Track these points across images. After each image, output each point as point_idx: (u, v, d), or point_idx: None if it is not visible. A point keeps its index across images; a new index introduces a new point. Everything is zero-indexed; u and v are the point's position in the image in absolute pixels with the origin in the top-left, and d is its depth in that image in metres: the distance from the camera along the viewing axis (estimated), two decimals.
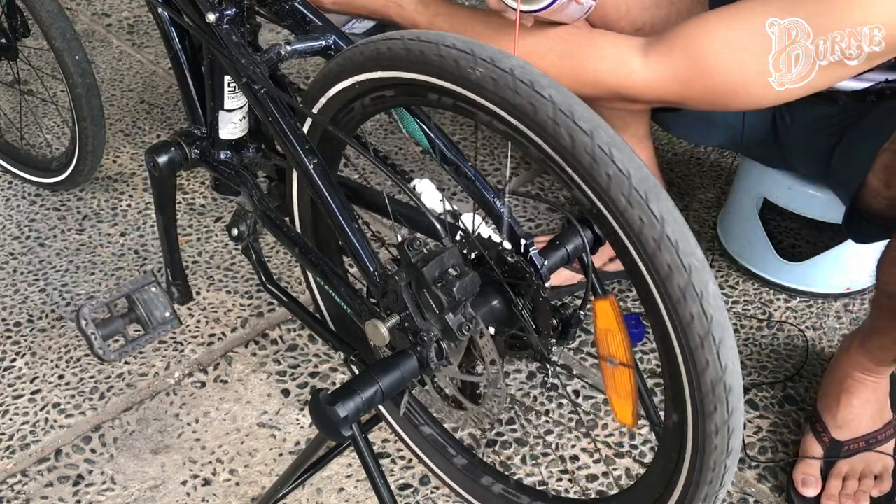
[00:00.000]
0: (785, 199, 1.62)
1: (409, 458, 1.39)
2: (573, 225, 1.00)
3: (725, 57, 1.10)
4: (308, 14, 1.17)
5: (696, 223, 1.86)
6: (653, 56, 1.15)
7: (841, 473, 1.34)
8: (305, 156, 1.03)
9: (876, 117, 1.29)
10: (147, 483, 1.37)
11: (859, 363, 1.34)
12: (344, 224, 1.02)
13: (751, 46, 1.09)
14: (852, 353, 1.35)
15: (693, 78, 1.13)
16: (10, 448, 1.41)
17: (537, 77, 0.82)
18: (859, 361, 1.34)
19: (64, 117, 2.08)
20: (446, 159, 1.06)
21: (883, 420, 1.37)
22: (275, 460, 1.40)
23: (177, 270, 1.44)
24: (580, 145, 0.80)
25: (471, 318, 0.93)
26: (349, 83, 0.99)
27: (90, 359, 1.55)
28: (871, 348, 1.32)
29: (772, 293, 1.70)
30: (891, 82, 1.27)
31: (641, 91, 1.16)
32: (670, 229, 0.78)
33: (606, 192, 0.80)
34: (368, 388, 0.93)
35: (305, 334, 1.60)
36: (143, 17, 2.53)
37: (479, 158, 1.98)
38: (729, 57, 1.10)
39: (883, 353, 1.30)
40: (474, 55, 0.85)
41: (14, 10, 1.76)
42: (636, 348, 1.58)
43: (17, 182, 1.93)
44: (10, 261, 1.75)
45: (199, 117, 1.31)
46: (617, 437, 1.44)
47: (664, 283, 0.80)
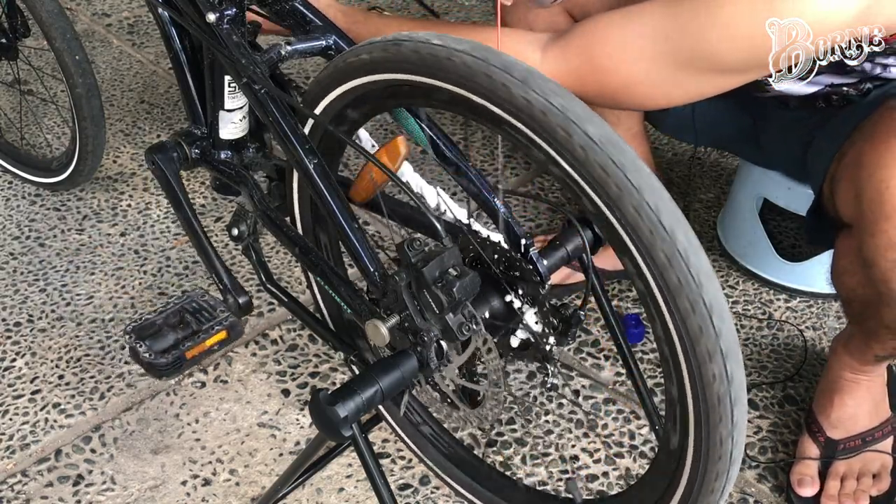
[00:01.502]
0: (785, 199, 1.62)
1: (410, 458, 1.39)
2: (573, 225, 1.00)
3: (617, 58, 1.14)
4: (308, 14, 1.17)
5: (696, 223, 1.86)
6: (550, 53, 1.18)
7: (839, 473, 1.34)
8: (305, 156, 1.03)
9: (836, 123, 1.30)
10: (147, 483, 1.37)
11: (847, 364, 1.35)
12: (344, 224, 1.02)
13: (642, 48, 1.13)
14: (839, 354, 1.37)
15: (586, 76, 1.16)
16: (10, 448, 1.41)
17: (552, 84, 0.83)
18: (847, 362, 1.35)
19: (64, 117, 2.08)
20: (446, 159, 1.06)
21: (880, 417, 1.37)
22: (275, 460, 1.40)
23: (221, 275, 1.26)
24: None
25: (471, 318, 0.93)
26: (353, 85, 0.99)
27: (90, 359, 1.55)
28: (852, 350, 1.34)
29: (772, 293, 1.70)
30: (836, 86, 1.29)
31: None
32: (681, 245, 0.79)
33: (616, 204, 0.80)
34: (368, 388, 0.94)
35: (305, 334, 1.60)
36: (143, 17, 2.54)
37: (478, 159, 1.98)
38: (620, 57, 1.14)
39: (863, 354, 1.32)
40: (487, 62, 0.85)
41: (14, 10, 1.76)
42: (636, 348, 1.58)
43: (17, 182, 1.93)
44: (10, 261, 1.75)
45: (200, 117, 1.31)
46: (617, 437, 1.44)
47: (674, 298, 0.80)
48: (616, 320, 1.11)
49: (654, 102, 1.20)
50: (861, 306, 1.24)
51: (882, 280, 1.16)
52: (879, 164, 1.12)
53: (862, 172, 1.16)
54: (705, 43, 1.09)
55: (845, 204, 1.22)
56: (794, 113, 1.42)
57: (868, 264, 1.17)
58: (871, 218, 1.14)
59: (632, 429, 1.45)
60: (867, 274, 1.18)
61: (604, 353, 1.57)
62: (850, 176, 1.20)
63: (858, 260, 1.19)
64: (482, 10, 2.55)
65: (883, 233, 1.13)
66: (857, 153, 1.19)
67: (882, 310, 1.19)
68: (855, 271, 1.21)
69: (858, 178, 1.16)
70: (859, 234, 1.18)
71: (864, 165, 1.15)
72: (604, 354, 1.57)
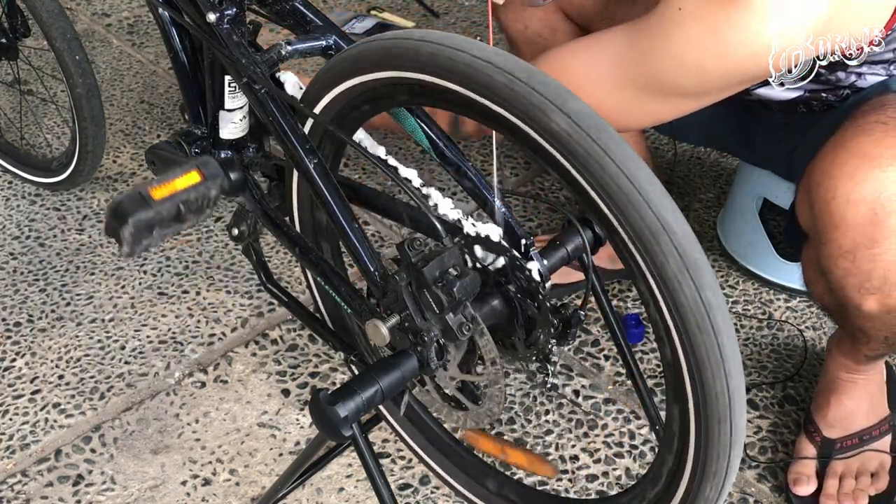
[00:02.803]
0: (785, 199, 1.62)
1: (410, 458, 1.39)
2: (573, 225, 1.00)
3: (579, 84, 1.15)
4: (308, 14, 1.17)
5: (696, 223, 1.86)
6: None
7: (837, 473, 1.34)
8: (305, 156, 1.03)
9: (816, 129, 1.31)
10: (147, 483, 1.37)
11: (842, 364, 1.35)
12: (344, 224, 1.02)
13: (603, 75, 1.18)
14: (834, 354, 1.37)
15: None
16: (10, 448, 1.41)
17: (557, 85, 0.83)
18: (841, 362, 1.35)
19: (64, 117, 2.08)
20: (446, 159, 1.06)
21: (878, 416, 1.37)
22: (275, 460, 1.40)
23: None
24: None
25: (471, 318, 0.93)
26: (352, 83, 0.99)
27: (90, 359, 1.55)
28: (844, 350, 1.34)
29: (772, 293, 1.70)
30: (814, 92, 1.29)
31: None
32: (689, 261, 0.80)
33: (624, 214, 0.81)
34: (368, 388, 0.94)
35: (305, 334, 1.60)
36: (143, 17, 2.53)
37: (478, 159, 1.98)
38: (582, 84, 1.16)
39: (854, 354, 1.32)
40: (490, 61, 0.85)
41: (14, 10, 1.76)
42: (636, 348, 1.59)
43: (17, 182, 1.93)
44: (10, 261, 1.75)
45: (200, 117, 1.31)
46: (617, 437, 1.44)
47: (682, 320, 0.80)
48: (616, 320, 1.11)
49: (622, 125, 1.22)
50: (833, 312, 1.26)
51: (838, 288, 1.17)
52: (825, 174, 1.14)
53: (812, 182, 1.17)
54: (660, 71, 1.13)
55: (803, 214, 1.23)
56: (779, 117, 1.43)
57: (825, 273, 1.18)
58: (821, 227, 1.15)
59: (632, 429, 1.45)
60: (826, 283, 1.20)
61: (604, 353, 1.57)
62: (805, 186, 1.21)
63: (818, 269, 1.21)
64: (482, 10, 2.55)
65: (832, 241, 1.14)
66: (812, 164, 1.20)
67: (847, 315, 1.21)
68: (817, 280, 1.23)
69: (810, 188, 1.18)
70: (815, 243, 1.19)
71: (814, 176, 1.17)
72: (604, 354, 1.57)
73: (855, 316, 1.19)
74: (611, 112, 1.17)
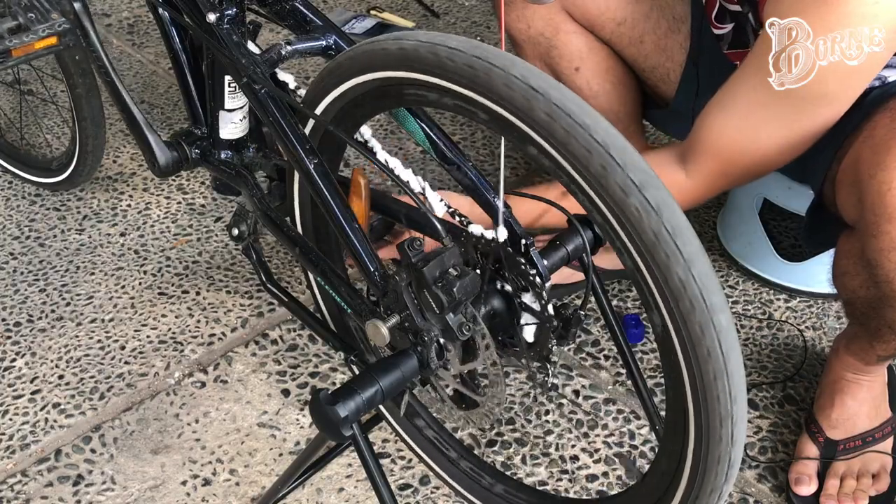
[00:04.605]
0: (785, 198, 1.62)
1: (410, 458, 1.39)
2: (573, 225, 1.00)
3: (743, 142, 1.22)
4: (308, 14, 1.17)
5: (696, 223, 1.86)
6: (690, 167, 1.28)
7: (838, 473, 1.34)
8: (306, 156, 1.03)
9: (836, 123, 1.30)
10: (147, 483, 1.37)
11: (849, 364, 1.35)
12: (344, 224, 1.02)
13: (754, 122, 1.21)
14: (841, 354, 1.36)
15: (729, 169, 1.27)
16: (10, 448, 1.41)
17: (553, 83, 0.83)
18: (848, 363, 1.35)
19: (64, 117, 2.07)
20: (446, 159, 1.06)
21: (880, 418, 1.37)
22: (275, 460, 1.40)
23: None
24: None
25: (471, 318, 0.93)
26: (353, 83, 0.99)
27: (90, 359, 1.55)
28: (854, 350, 1.34)
29: (772, 293, 1.70)
30: None
31: (694, 197, 1.30)
32: (696, 270, 0.80)
33: (634, 226, 0.81)
34: (369, 388, 0.94)
35: (305, 334, 1.60)
36: (143, 17, 2.53)
37: (478, 159, 1.98)
38: (746, 140, 1.22)
39: (865, 355, 1.31)
40: (497, 65, 0.85)
41: None
42: (636, 348, 1.59)
43: (17, 182, 1.93)
44: (10, 261, 1.75)
45: (200, 117, 1.31)
46: (617, 437, 1.44)
47: (685, 321, 0.80)
48: (616, 320, 1.11)
49: (788, 157, 1.25)
50: (864, 307, 1.24)
51: (886, 281, 1.16)
52: (880, 166, 1.12)
53: (862, 174, 1.16)
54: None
55: (847, 206, 1.22)
56: None
57: (871, 266, 1.17)
58: (872, 220, 1.14)
59: (632, 429, 1.45)
60: (871, 275, 1.18)
61: (604, 353, 1.57)
62: (850, 178, 1.20)
63: (861, 261, 1.19)
64: (482, 10, 2.55)
65: (885, 234, 1.13)
66: (857, 155, 1.19)
67: (885, 310, 1.19)
68: (857, 272, 1.22)
69: (859, 180, 1.16)
70: (862, 235, 1.18)
71: (864, 167, 1.15)
72: (604, 354, 1.57)
73: (893, 310, 1.18)
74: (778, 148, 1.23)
